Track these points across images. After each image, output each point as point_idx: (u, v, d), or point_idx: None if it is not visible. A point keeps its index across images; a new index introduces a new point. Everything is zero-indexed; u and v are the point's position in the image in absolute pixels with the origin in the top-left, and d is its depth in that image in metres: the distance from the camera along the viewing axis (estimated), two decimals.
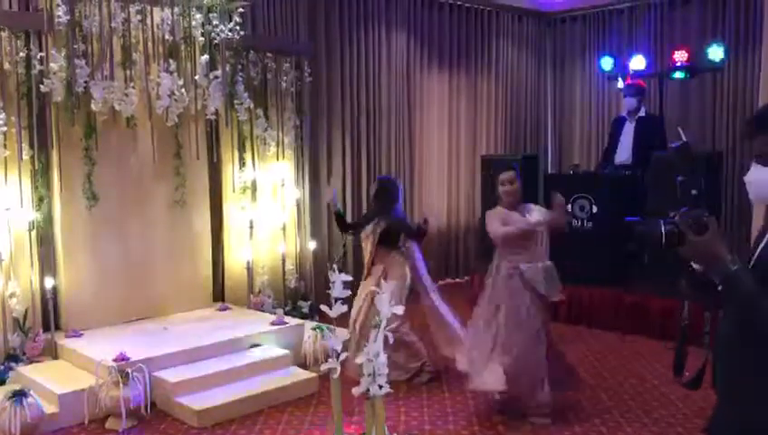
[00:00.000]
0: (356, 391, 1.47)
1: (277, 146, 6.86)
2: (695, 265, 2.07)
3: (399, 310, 1.42)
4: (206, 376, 4.97)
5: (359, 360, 1.46)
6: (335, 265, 1.52)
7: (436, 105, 9.08)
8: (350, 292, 1.49)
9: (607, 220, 6.77)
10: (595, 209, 6.90)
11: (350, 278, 1.50)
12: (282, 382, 5.08)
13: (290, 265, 7.12)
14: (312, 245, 7.30)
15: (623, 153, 7.39)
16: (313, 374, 5.28)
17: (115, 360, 4.76)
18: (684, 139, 6.14)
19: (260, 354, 5.41)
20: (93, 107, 5.46)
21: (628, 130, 7.43)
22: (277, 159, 6.91)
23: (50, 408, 4.53)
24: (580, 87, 9.99)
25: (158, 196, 6.18)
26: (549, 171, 9.83)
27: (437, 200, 9.08)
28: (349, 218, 7.44)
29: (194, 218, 6.44)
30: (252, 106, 6.43)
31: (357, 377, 4.96)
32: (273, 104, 6.81)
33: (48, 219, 5.65)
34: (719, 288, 1.96)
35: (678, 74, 7.57)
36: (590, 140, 9.95)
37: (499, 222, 4.53)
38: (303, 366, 5.54)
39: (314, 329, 5.68)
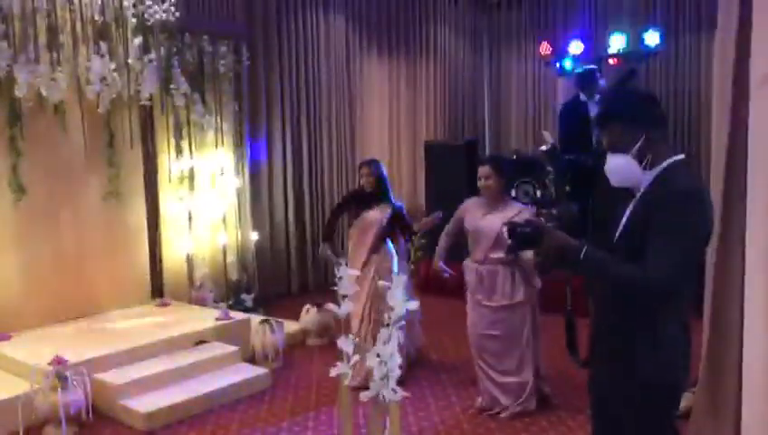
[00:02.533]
0: (365, 395, 1.33)
1: (215, 133, 6.58)
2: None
3: (415, 305, 1.29)
4: (151, 376, 4.71)
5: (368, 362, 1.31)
6: (342, 260, 1.36)
7: (377, 90, 8.96)
8: (358, 288, 1.35)
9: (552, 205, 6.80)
10: (539, 194, 6.93)
11: (358, 273, 1.36)
12: (232, 379, 4.87)
13: (231, 258, 6.87)
14: (254, 236, 7.07)
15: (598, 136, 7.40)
16: (265, 370, 5.09)
17: (51, 363, 4.44)
18: (551, 142, 6.44)
19: (207, 351, 5.17)
20: (17, 93, 5.08)
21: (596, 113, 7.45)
22: (216, 147, 6.64)
23: None
24: (516, 72, 10.04)
25: (91, 188, 5.83)
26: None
27: None
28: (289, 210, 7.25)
29: (129, 211, 6.11)
30: (189, 91, 6.13)
31: (362, 382, 4.76)
32: (210, 89, 6.52)
33: None
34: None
35: (611, 61, 7.68)
36: (527, 125, 10.04)
37: (458, 212, 4.50)
38: (252, 361, 5.34)
39: (262, 323, 5.48)
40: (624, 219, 2.37)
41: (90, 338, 5.19)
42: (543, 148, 6.37)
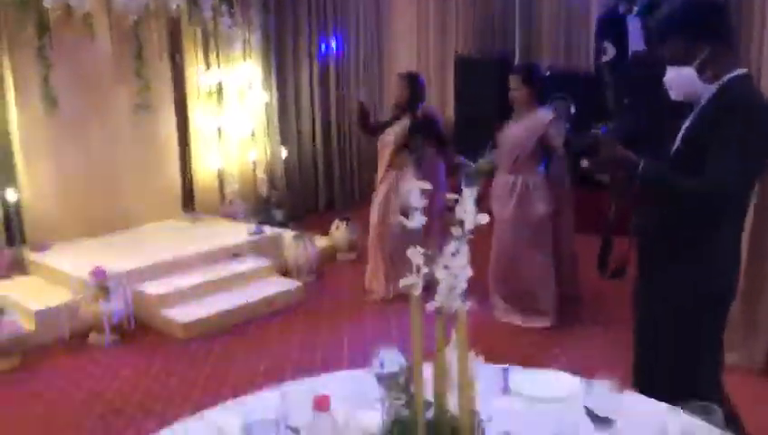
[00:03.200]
0: (431, 305, 1.32)
1: (243, 45, 6.45)
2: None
3: (485, 218, 1.27)
4: (188, 288, 4.81)
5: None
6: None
7: (406, 1, 8.69)
8: (427, 201, 1.32)
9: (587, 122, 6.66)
10: (573, 110, 6.76)
11: (429, 186, 1.33)
12: (267, 292, 4.96)
13: (260, 173, 6.87)
14: (283, 152, 7.04)
15: (635, 44, 7.12)
16: (299, 283, 5.17)
17: (92, 273, 4.53)
18: (613, 53, 6.16)
19: (242, 264, 5.24)
20: (45, 3, 4.97)
21: (635, 28, 7.14)
22: (243, 60, 6.52)
23: (26, 325, 4.32)
24: None
25: (120, 100, 5.79)
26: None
27: None
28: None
29: (159, 124, 6.09)
30: (217, 2, 5.97)
31: (380, 294, 4.94)
32: (237, 0, 6.35)
33: (3, 127, 5.23)
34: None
35: None
36: (559, 38, 9.73)
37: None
38: (285, 275, 5.42)
39: (296, 238, 5.53)
40: (681, 133, 2.33)
41: (126, 250, 5.26)
42: (605, 58, 6.16)
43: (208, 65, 6.26)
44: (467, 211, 1.29)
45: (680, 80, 2.26)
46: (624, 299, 2.60)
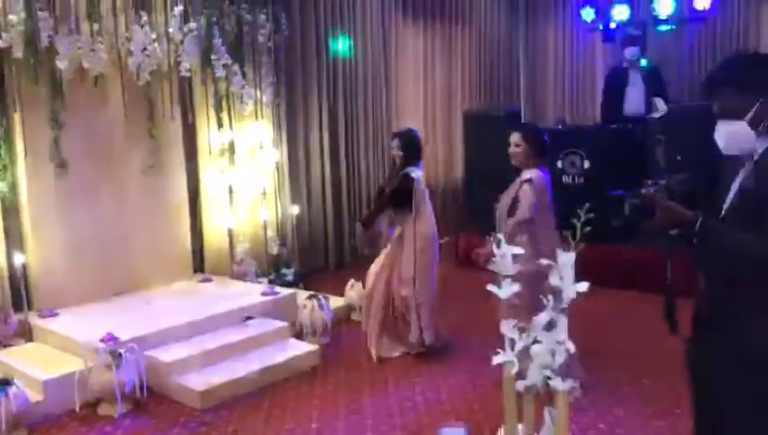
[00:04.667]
0: (522, 384, 1.18)
1: (255, 105, 6.42)
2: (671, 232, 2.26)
3: (584, 286, 1.15)
4: (202, 353, 4.63)
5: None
6: (496, 235, 1.22)
7: (412, 60, 8.78)
8: (520, 267, 1.20)
9: (600, 176, 6.60)
10: (587, 165, 6.72)
11: (521, 251, 1.21)
12: (283, 356, 4.78)
13: (271, 232, 6.75)
14: (294, 209, 6.94)
15: (632, 105, 7.17)
16: (315, 346, 5.00)
17: (103, 340, 4.37)
18: (664, 109, 6.11)
19: (256, 328, 5.08)
20: (59, 64, 4.94)
21: (635, 81, 7.22)
22: (255, 119, 6.48)
23: (34, 396, 4.13)
24: (554, 39, 9.78)
25: (131, 161, 5.71)
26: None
27: None
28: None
29: (170, 184, 6.00)
30: (230, 62, 5.96)
31: (378, 353, 4.84)
32: (249, 60, 6.34)
33: (13, 190, 5.14)
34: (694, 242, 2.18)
35: (664, 27, 7.41)
36: (565, 95, 9.81)
37: None
38: (299, 337, 5.24)
39: (310, 298, 5.37)
40: (734, 189, 2.25)
41: (136, 315, 5.11)
42: (656, 115, 6.13)
43: (220, 125, 6.20)
44: (565, 279, 1.17)
45: (734, 134, 2.20)
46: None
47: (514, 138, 4.32)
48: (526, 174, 4.24)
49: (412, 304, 4.88)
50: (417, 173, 4.99)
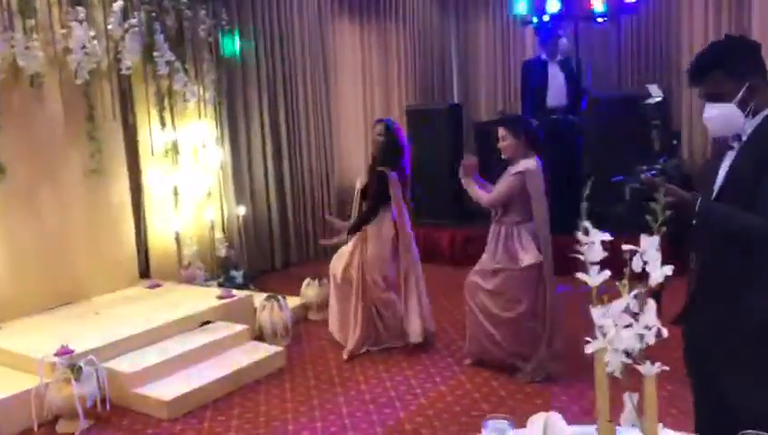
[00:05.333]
0: (609, 368, 1.18)
1: (197, 102, 6.22)
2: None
3: (669, 270, 1.15)
4: (163, 362, 4.44)
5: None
6: (585, 223, 1.20)
7: (349, 57, 8.73)
8: (607, 253, 1.19)
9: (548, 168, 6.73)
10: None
11: (610, 237, 1.20)
12: (248, 359, 4.65)
13: (218, 234, 6.57)
14: (240, 210, 6.78)
15: (555, 97, 7.34)
16: (280, 348, 4.89)
17: (58, 354, 4.13)
18: (660, 95, 6.18)
19: (215, 332, 4.92)
20: None
21: (555, 73, 7.38)
22: (199, 117, 6.28)
23: None
24: (485, 33, 9.93)
25: (72, 165, 5.42)
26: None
27: (356, 158, 8.74)
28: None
29: (112, 188, 5.74)
30: (173, 58, 5.75)
31: (350, 349, 4.78)
32: (190, 57, 6.14)
33: None
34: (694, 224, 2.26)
35: (599, 19, 7.64)
36: (497, 89, 9.97)
37: None
38: (259, 340, 5.13)
39: (268, 299, 5.26)
40: (724, 171, 2.33)
41: (87, 325, 4.85)
42: (651, 101, 6.21)
43: (163, 124, 5.98)
44: (650, 262, 1.17)
45: (723, 117, 2.27)
46: None
47: (500, 132, 4.30)
48: (519, 166, 4.23)
49: (396, 304, 4.89)
50: (390, 172, 4.91)
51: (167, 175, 6.11)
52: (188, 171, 6.28)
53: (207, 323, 5.08)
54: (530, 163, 4.22)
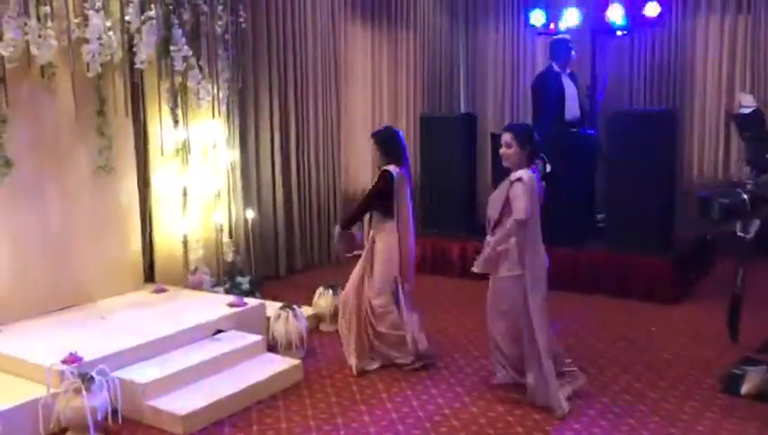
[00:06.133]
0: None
1: (211, 101, 5.98)
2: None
3: None
4: (177, 373, 4.19)
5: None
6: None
7: (360, 59, 8.58)
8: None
9: (563, 180, 6.57)
10: (548, 168, 6.67)
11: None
12: (265, 373, 4.41)
13: (225, 238, 6.33)
14: (249, 214, 6.54)
15: (570, 110, 7.19)
16: (296, 360, 4.66)
17: (66, 362, 3.88)
18: (754, 105, 5.95)
19: (229, 342, 4.68)
20: (2, 51, 4.39)
21: (569, 85, 7.25)
22: (212, 117, 6.04)
23: None
24: (495, 43, 9.80)
25: (79, 161, 5.18)
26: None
27: (363, 166, 8.56)
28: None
29: (121, 187, 5.49)
30: (190, 53, 5.51)
31: (356, 367, 4.54)
32: (205, 53, 5.90)
33: None
34: None
35: (618, 32, 7.52)
36: (504, 100, 9.84)
37: None
38: (273, 350, 4.89)
39: (283, 308, 5.03)
40: None
41: (93, 331, 4.60)
42: (745, 111, 5.99)
43: (176, 122, 5.73)
44: None
45: None
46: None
47: (505, 138, 4.17)
48: (517, 173, 4.09)
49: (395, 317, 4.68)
50: (396, 170, 4.70)
51: (176, 175, 5.86)
52: (198, 172, 6.04)
53: (219, 331, 4.84)
54: (526, 175, 4.09)
